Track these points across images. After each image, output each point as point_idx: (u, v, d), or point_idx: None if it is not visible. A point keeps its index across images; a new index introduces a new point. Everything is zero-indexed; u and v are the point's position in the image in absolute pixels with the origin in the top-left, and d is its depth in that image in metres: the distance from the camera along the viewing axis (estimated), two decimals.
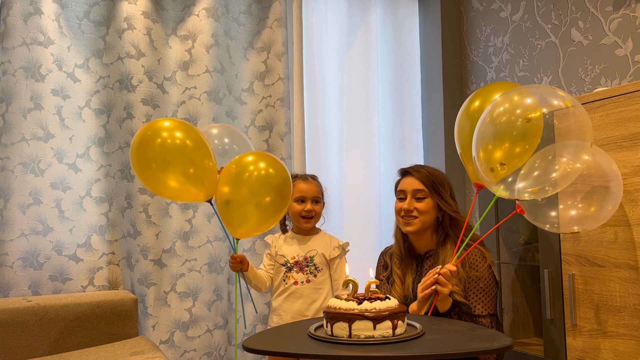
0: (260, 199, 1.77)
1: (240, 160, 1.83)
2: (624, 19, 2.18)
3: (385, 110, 2.96)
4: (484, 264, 1.80)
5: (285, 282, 2.07)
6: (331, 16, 2.84)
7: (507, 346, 1.25)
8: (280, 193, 1.79)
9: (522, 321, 2.25)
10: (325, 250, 2.09)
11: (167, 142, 1.72)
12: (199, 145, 1.77)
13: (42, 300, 2.06)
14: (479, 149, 1.50)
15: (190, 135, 1.76)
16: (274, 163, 1.82)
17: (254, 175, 1.78)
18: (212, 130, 2.04)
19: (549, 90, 1.49)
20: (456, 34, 3.00)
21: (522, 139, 1.43)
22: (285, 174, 1.83)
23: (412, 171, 1.91)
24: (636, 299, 1.52)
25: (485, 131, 1.48)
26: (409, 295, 1.87)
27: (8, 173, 2.16)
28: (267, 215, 1.80)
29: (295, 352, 1.25)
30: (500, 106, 1.47)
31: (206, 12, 2.47)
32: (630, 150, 1.54)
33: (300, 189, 2.08)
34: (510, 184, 1.49)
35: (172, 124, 1.77)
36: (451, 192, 1.89)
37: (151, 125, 1.77)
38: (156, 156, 1.72)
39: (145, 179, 1.77)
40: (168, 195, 1.83)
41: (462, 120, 1.75)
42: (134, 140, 1.76)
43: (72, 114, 2.31)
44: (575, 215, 1.52)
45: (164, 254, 2.37)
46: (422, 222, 1.86)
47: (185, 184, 1.75)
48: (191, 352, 2.40)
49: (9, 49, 2.17)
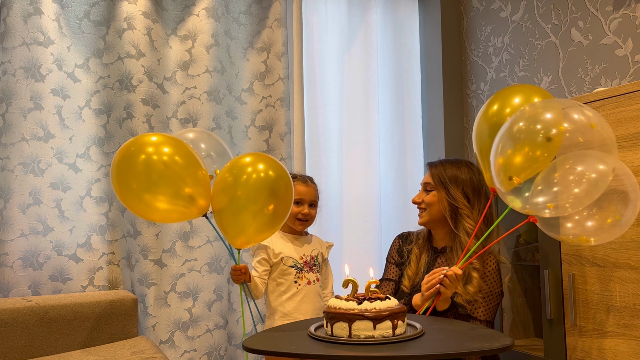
0: (259, 207, 1.66)
1: (235, 164, 1.73)
2: (624, 19, 2.18)
3: (385, 110, 2.96)
4: (496, 272, 1.82)
5: (297, 283, 2.02)
6: (331, 16, 2.84)
7: (507, 346, 1.25)
8: (281, 197, 1.70)
9: (522, 321, 2.25)
10: (322, 250, 2.13)
11: (153, 158, 1.58)
12: (189, 161, 1.64)
13: (42, 300, 2.06)
14: (497, 158, 1.48)
15: (180, 150, 1.63)
16: (273, 164, 1.72)
17: (251, 179, 1.66)
18: (188, 135, 1.94)
19: (575, 106, 1.44)
20: (456, 34, 3.00)
21: (540, 150, 1.41)
22: (287, 177, 1.74)
23: (430, 165, 1.96)
24: (636, 299, 1.52)
25: (505, 142, 1.46)
26: (421, 275, 1.89)
27: (8, 173, 2.16)
28: (268, 223, 1.71)
29: (295, 352, 1.25)
30: (521, 120, 1.44)
31: (206, 12, 2.47)
32: (630, 150, 1.54)
33: (299, 191, 2.05)
34: (527, 198, 1.45)
35: (159, 139, 1.63)
36: (465, 188, 1.86)
37: (136, 141, 1.64)
38: (139, 176, 1.57)
39: (128, 202, 1.64)
40: (158, 219, 1.74)
41: (480, 125, 1.70)
42: (114, 159, 1.64)
43: (72, 114, 2.31)
44: (592, 226, 1.43)
45: (164, 254, 2.37)
46: (430, 214, 1.91)
47: (177, 205, 1.64)
48: (191, 352, 2.40)
49: (9, 49, 2.17)
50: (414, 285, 1.89)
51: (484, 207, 1.85)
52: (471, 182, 1.88)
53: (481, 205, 1.87)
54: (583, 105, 1.44)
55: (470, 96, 2.94)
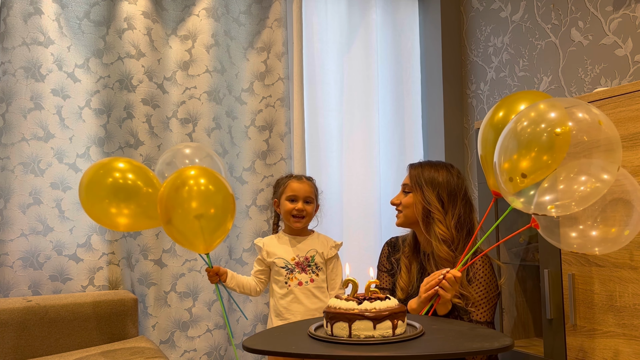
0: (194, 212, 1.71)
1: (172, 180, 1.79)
2: (624, 19, 2.18)
3: (385, 110, 2.96)
4: (491, 272, 1.80)
5: (287, 284, 2.05)
6: (331, 16, 2.84)
7: (507, 346, 1.24)
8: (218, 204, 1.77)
9: (522, 321, 2.25)
10: (324, 249, 2.10)
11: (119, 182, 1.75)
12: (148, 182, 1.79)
13: (42, 300, 2.06)
14: (501, 159, 1.47)
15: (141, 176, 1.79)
16: (212, 179, 1.78)
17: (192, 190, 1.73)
18: (185, 150, 2.01)
19: (582, 105, 1.42)
20: (456, 34, 3.00)
21: (547, 151, 1.37)
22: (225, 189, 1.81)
23: (410, 167, 1.92)
24: (636, 299, 1.52)
25: (509, 141, 1.43)
26: (414, 284, 1.87)
27: (8, 173, 2.16)
28: (215, 224, 1.76)
29: (295, 352, 1.25)
30: (526, 118, 1.41)
31: (206, 12, 2.47)
32: (630, 150, 1.54)
33: (292, 188, 2.08)
34: (530, 197, 1.43)
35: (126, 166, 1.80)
36: (440, 191, 1.81)
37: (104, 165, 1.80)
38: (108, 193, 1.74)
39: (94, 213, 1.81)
40: None
41: (485, 131, 1.67)
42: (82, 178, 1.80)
43: (72, 114, 2.31)
44: (596, 236, 1.41)
45: (164, 254, 2.37)
46: (405, 216, 1.87)
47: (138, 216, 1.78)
48: (191, 352, 2.40)
49: (9, 49, 2.17)
50: (408, 297, 1.87)
51: (461, 212, 1.81)
52: (448, 185, 1.83)
53: (456, 211, 1.81)
54: (588, 104, 1.43)
55: (470, 96, 2.94)
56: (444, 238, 1.77)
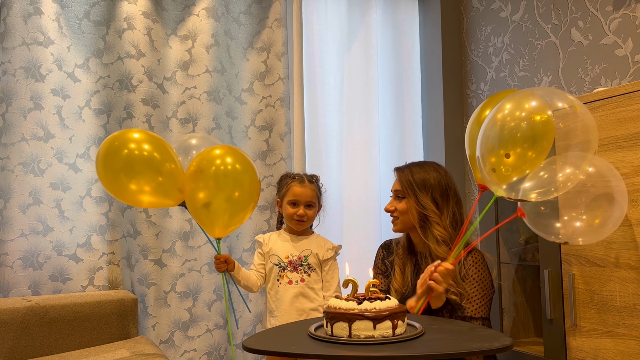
0: (229, 194, 1.74)
1: (205, 156, 1.79)
2: (624, 19, 2.18)
3: (385, 110, 2.96)
4: (483, 267, 1.80)
5: (279, 282, 2.07)
6: (331, 16, 2.84)
7: (507, 346, 1.24)
8: (246, 188, 1.78)
9: (522, 321, 2.25)
10: (319, 251, 2.10)
11: (135, 153, 1.69)
12: (164, 154, 1.74)
13: (42, 300, 2.06)
14: (484, 151, 1.50)
15: (157, 146, 1.74)
16: (241, 159, 1.79)
17: (220, 170, 1.74)
18: (192, 141, 1.99)
19: (556, 93, 1.46)
20: (456, 34, 3.00)
21: (532, 141, 1.41)
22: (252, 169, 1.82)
23: (398, 171, 1.91)
24: (636, 299, 1.52)
25: (490, 133, 1.47)
26: (409, 285, 1.87)
27: (8, 173, 2.16)
28: (239, 208, 1.78)
29: (295, 352, 1.25)
30: (505, 109, 1.46)
31: (206, 12, 2.47)
32: (630, 150, 1.54)
33: (294, 192, 2.08)
34: (513, 185, 1.48)
35: (141, 136, 1.74)
36: (433, 193, 1.83)
37: (119, 136, 1.74)
38: (124, 166, 1.69)
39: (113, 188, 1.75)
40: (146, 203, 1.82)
41: (473, 129, 1.71)
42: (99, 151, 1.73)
43: (72, 114, 2.31)
44: (580, 227, 1.48)
45: (164, 254, 2.37)
46: (403, 222, 1.87)
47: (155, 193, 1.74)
48: (191, 352, 2.40)
49: (9, 49, 2.17)
50: (402, 299, 1.87)
51: (454, 210, 1.83)
52: (439, 185, 1.84)
53: (450, 209, 1.82)
54: (563, 92, 1.49)
55: (470, 96, 2.94)
56: (443, 239, 1.78)
